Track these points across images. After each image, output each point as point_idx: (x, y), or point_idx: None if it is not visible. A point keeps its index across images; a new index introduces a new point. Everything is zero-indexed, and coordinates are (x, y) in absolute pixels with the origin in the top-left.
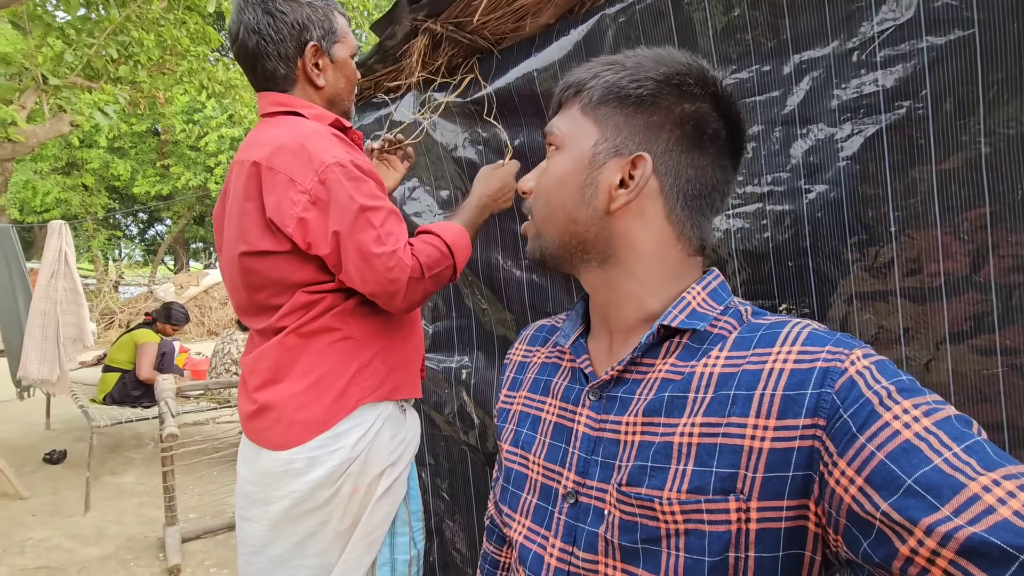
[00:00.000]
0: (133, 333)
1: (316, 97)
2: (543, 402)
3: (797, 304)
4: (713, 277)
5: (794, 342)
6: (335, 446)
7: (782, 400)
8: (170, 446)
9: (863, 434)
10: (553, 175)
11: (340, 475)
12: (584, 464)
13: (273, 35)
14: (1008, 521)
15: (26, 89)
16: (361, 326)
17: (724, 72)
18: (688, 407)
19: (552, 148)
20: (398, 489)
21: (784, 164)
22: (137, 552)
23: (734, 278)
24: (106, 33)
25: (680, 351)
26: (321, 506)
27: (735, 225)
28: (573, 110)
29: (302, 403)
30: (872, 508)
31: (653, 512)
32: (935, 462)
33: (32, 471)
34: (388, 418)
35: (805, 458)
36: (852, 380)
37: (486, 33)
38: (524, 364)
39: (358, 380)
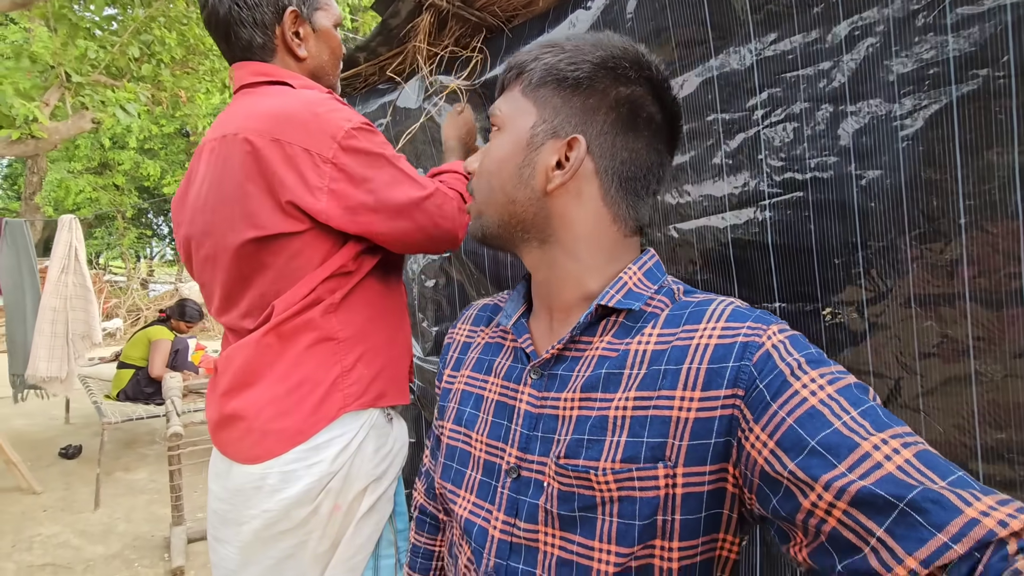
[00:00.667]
0: (147, 330)
1: (298, 70)
2: (486, 381)
3: (844, 307)
4: (649, 257)
5: (719, 319)
6: (313, 459)
7: (706, 373)
8: (176, 445)
9: (775, 402)
10: (493, 156)
11: (319, 492)
12: (526, 440)
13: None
14: (892, 475)
15: (50, 86)
16: (346, 325)
17: (762, 43)
18: (623, 383)
19: (495, 129)
20: (383, 507)
21: (831, 147)
22: (143, 552)
23: (770, 276)
24: (129, 32)
25: (616, 329)
26: (298, 526)
27: (772, 216)
28: (515, 92)
29: (278, 411)
30: (781, 468)
31: (589, 482)
32: (835, 425)
33: (47, 465)
34: (373, 428)
35: (725, 426)
36: (768, 353)
37: (496, 9)
38: (468, 344)
39: (340, 386)
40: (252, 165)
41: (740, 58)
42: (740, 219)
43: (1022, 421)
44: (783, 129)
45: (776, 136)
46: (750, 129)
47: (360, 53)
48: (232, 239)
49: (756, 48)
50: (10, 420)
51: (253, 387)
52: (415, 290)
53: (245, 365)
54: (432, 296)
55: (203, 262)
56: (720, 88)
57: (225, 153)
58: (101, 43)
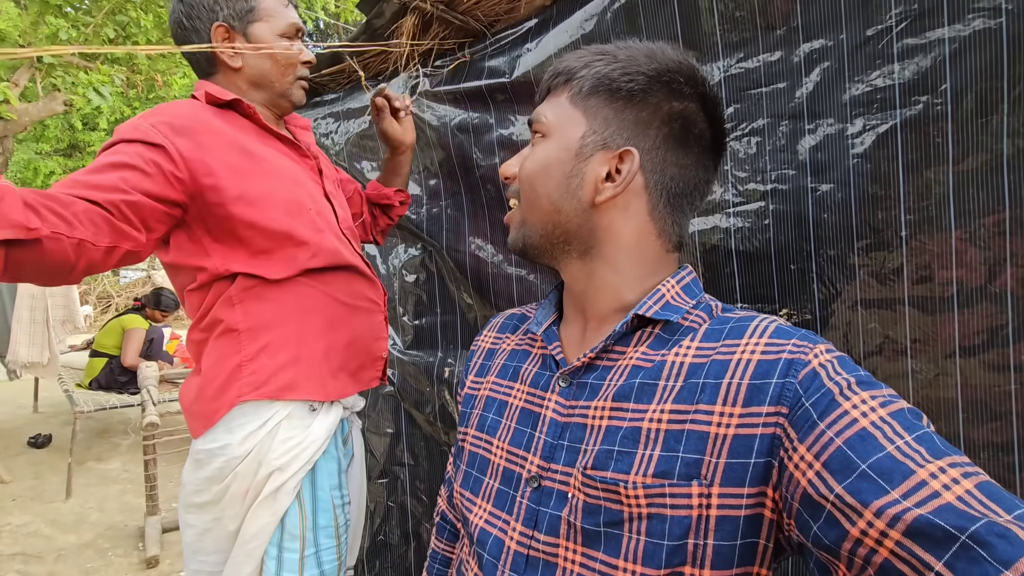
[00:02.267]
0: (121, 318)
1: (238, 80)
2: (511, 387)
3: (798, 309)
4: (687, 273)
5: (762, 334)
6: (223, 440)
7: (748, 388)
8: (151, 435)
9: (823, 421)
10: (539, 163)
11: (228, 472)
12: (550, 449)
13: (186, 23)
14: (951, 504)
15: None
16: (247, 316)
17: (729, 61)
18: (658, 394)
19: (538, 135)
20: (282, 498)
21: (790, 161)
22: (116, 541)
23: (733, 279)
24: (103, 12)
25: (651, 340)
26: (213, 502)
27: (736, 224)
28: (562, 98)
29: (193, 398)
30: (826, 491)
31: (618, 496)
32: (888, 449)
33: (16, 455)
34: (287, 417)
35: (767, 445)
36: (815, 371)
37: (478, 14)
38: (493, 351)
39: (239, 375)
40: None
41: (709, 74)
42: (707, 224)
43: (950, 414)
44: (747, 142)
45: (741, 148)
46: None
47: (344, 50)
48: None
49: (724, 65)
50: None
51: (192, 376)
52: (396, 284)
53: (191, 357)
54: (412, 290)
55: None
56: None
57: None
58: (73, 22)
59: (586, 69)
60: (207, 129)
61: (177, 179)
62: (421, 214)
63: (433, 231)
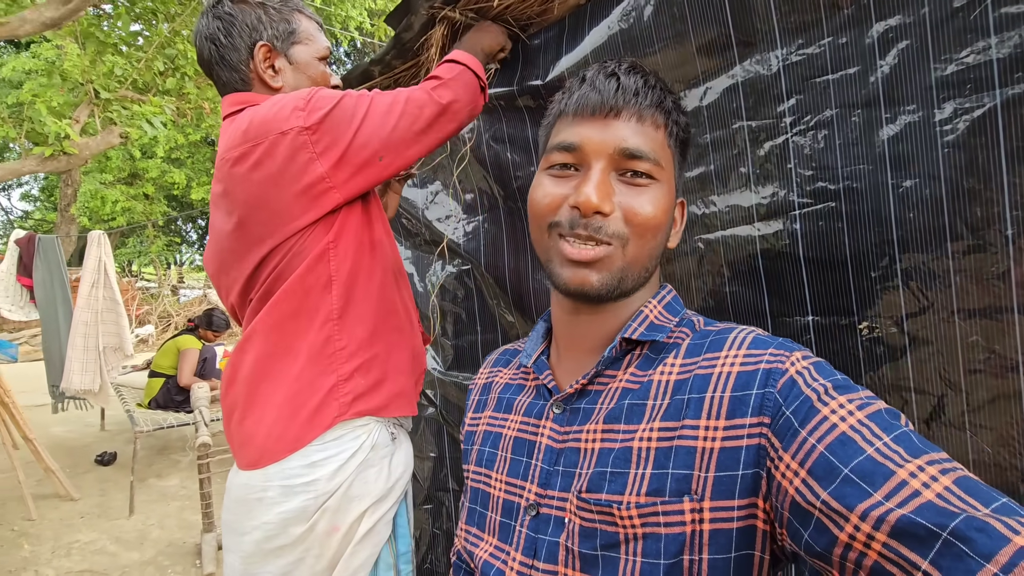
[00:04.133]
0: (176, 339)
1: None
2: (505, 419)
3: (882, 322)
4: (667, 292)
5: (740, 346)
6: (311, 475)
7: (730, 401)
8: (205, 454)
9: (804, 428)
10: (661, 212)
11: (315, 510)
12: (546, 476)
13: (223, 40)
14: (931, 502)
15: (80, 103)
16: (344, 335)
17: (789, 49)
18: (647, 413)
19: (650, 179)
20: (382, 529)
21: (864, 155)
22: (175, 558)
23: (801, 290)
24: (154, 47)
25: (640, 361)
26: (295, 543)
27: (802, 228)
28: (661, 138)
29: (276, 418)
30: (813, 498)
31: (612, 517)
32: (868, 452)
33: (84, 472)
34: (374, 448)
35: (753, 456)
36: (792, 379)
37: (509, 19)
38: (488, 385)
39: (336, 394)
40: (249, 176)
41: (766, 63)
42: (769, 229)
43: None
44: (813, 136)
45: (806, 144)
46: (778, 137)
47: (375, 67)
48: (250, 258)
49: (783, 54)
50: (49, 427)
51: (257, 394)
52: (434, 302)
53: (250, 373)
54: (451, 309)
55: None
56: (745, 95)
57: (222, 179)
58: (127, 59)
59: (676, 113)
60: None
61: None
62: (458, 229)
63: (471, 247)
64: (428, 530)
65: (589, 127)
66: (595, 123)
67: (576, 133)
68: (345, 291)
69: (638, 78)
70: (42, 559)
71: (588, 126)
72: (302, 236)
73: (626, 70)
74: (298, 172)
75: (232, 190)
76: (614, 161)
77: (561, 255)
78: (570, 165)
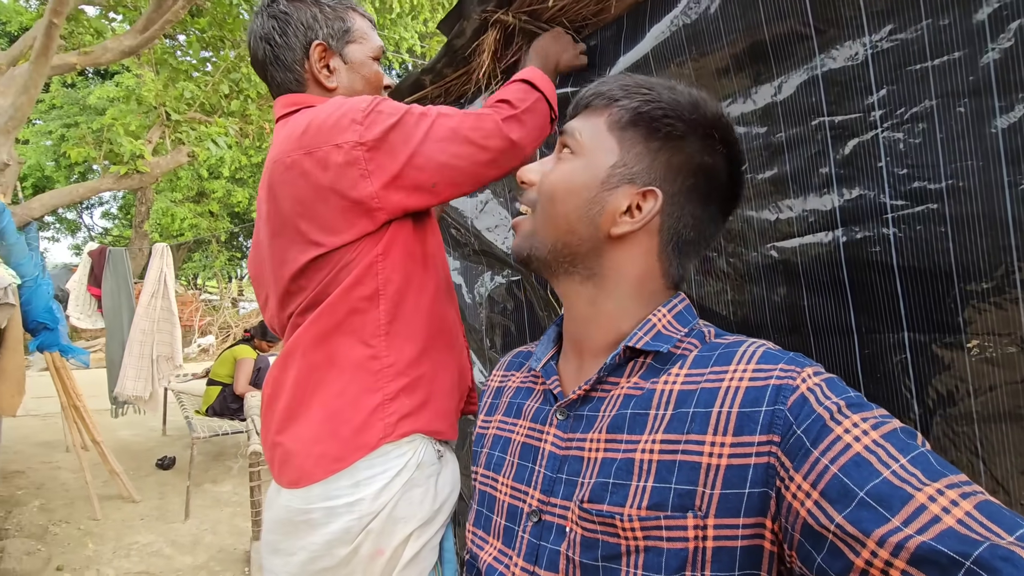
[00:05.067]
0: (233, 349)
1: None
2: (515, 424)
3: (996, 340)
4: (679, 300)
5: (749, 360)
6: (355, 496)
7: (738, 417)
8: (256, 462)
9: (816, 448)
10: (564, 180)
11: (359, 532)
12: (549, 482)
13: (278, 39)
14: (953, 529)
15: (153, 125)
16: (392, 352)
17: (878, 35)
18: (649, 424)
19: (567, 151)
20: (428, 555)
21: (973, 149)
22: (226, 564)
23: (894, 302)
24: (220, 71)
25: (644, 371)
26: (339, 565)
27: (896, 233)
28: (599, 121)
29: (318, 435)
30: (827, 521)
31: (614, 528)
32: (884, 474)
33: (146, 475)
34: (420, 467)
35: (761, 475)
36: (803, 396)
37: (564, 21)
38: (500, 389)
39: (381, 414)
40: (296, 184)
41: (851, 53)
42: (856, 235)
43: None
44: (908, 130)
45: (901, 139)
46: (866, 133)
47: (426, 76)
48: (291, 268)
49: (871, 41)
50: (115, 431)
51: (299, 413)
52: (482, 314)
53: (292, 388)
54: (500, 321)
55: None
56: (827, 88)
57: (270, 183)
58: (197, 83)
59: (629, 99)
60: None
61: None
62: (509, 239)
63: None
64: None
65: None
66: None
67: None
68: (393, 306)
69: (595, 86)
70: (104, 558)
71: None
72: (349, 248)
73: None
74: (348, 187)
75: (279, 195)
76: (558, 146)
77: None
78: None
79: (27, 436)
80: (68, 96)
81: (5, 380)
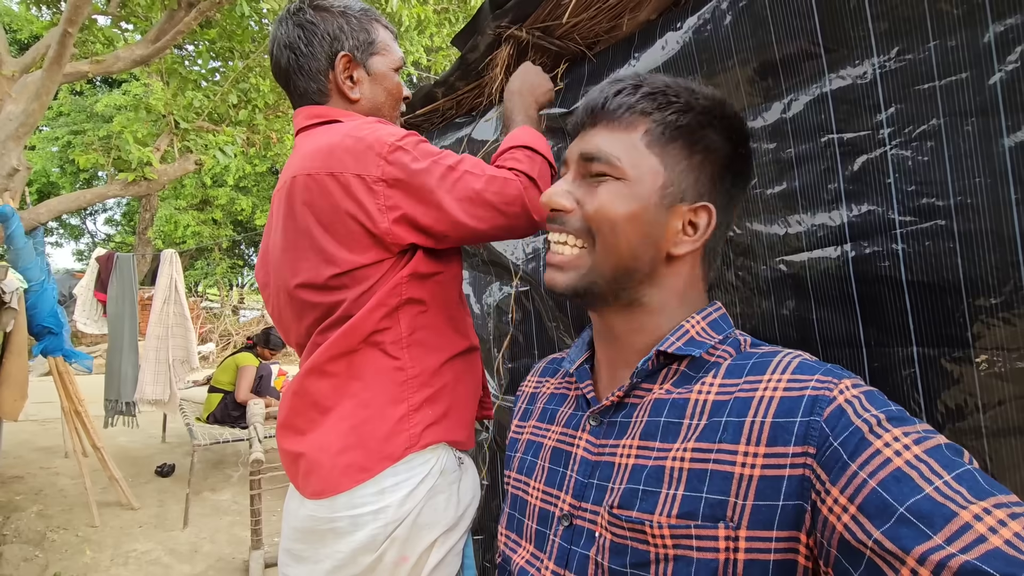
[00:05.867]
0: (236, 356)
1: (352, 110)
2: (548, 429)
3: (1006, 356)
4: (714, 309)
5: (784, 370)
6: (379, 503)
7: (772, 427)
8: (257, 471)
9: (855, 461)
10: (624, 208)
11: (383, 539)
12: (581, 487)
13: (303, 48)
14: (999, 550)
15: (161, 133)
16: (416, 363)
17: (886, 56)
18: (683, 433)
19: (607, 177)
20: (452, 561)
21: (981, 167)
22: (224, 573)
23: (903, 317)
24: (230, 81)
25: (676, 377)
26: (364, 572)
27: (905, 248)
28: (633, 139)
29: (343, 446)
30: (864, 536)
31: (643, 535)
32: (926, 490)
33: (145, 482)
34: (442, 474)
35: (796, 487)
36: (841, 408)
37: (576, 37)
38: (535, 395)
39: (406, 425)
40: (317, 201)
41: (860, 72)
42: (865, 250)
43: None
44: (917, 148)
45: (909, 156)
46: (874, 150)
47: (438, 89)
48: (299, 279)
49: (879, 60)
50: (115, 438)
51: (322, 422)
52: (490, 325)
53: (317, 400)
54: (508, 331)
55: (276, 303)
56: (836, 106)
57: (288, 196)
58: (205, 93)
59: (661, 112)
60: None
61: None
62: (518, 250)
63: (530, 268)
64: (480, 561)
65: (575, 143)
66: (578, 139)
67: (568, 151)
68: (415, 319)
69: (611, 89)
70: (102, 566)
71: (575, 142)
72: (372, 268)
73: (605, 85)
74: (364, 217)
75: (297, 207)
76: (580, 167)
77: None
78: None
79: (26, 441)
80: (75, 103)
81: (9, 384)
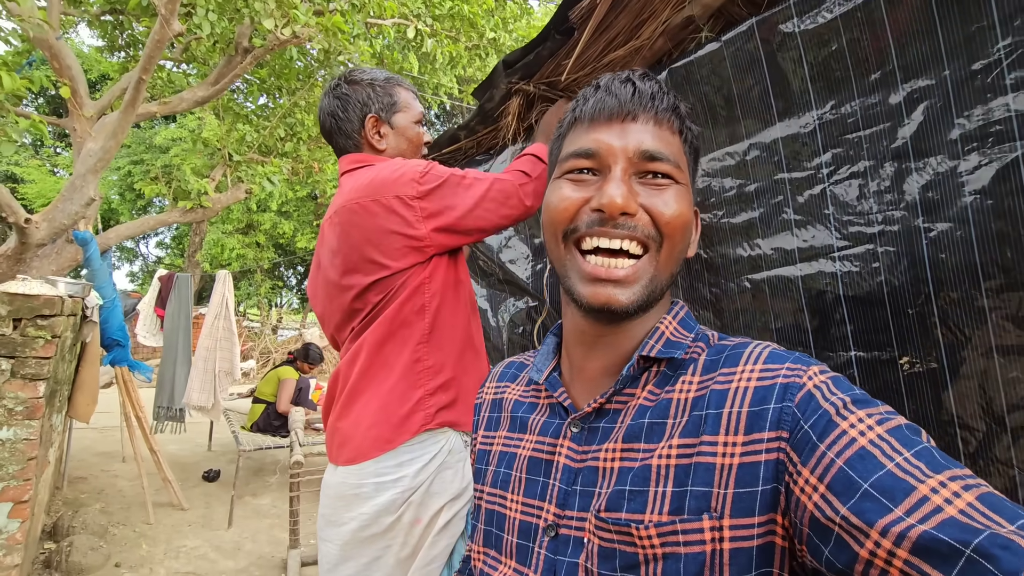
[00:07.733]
0: (278, 370)
1: (382, 157)
2: (520, 439)
3: (922, 357)
4: (680, 308)
5: (756, 360)
6: (399, 473)
7: (748, 416)
8: (297, 472)
9: (823, 442)
10: (688, 216)
11: (402, 503)
12: (564, 496)
13: (341, 114)
14: (954, 518)
15: (216, 165)
16: (433, 355)
17: (823, 109)
18: (667, 431)
19: (670, 180)
20: (457, 523)
21: (897, 201)
22: (265, 570)
23: (843, 326)
24: (278, 117)
25: (657, 379)
26: (384, 532)
27: (842, 268)
28: (678, 142)
29: (372, 422)
30: (832, 513)
31: (631, 538)
32: (888, 467)
33: (193, 486)
34: (451, 452)
35: (772, 471)
36: (810, 393)
37: (575, 88)
38: (497, 401)
39: (422, 406)
40: (365, 222)
41: (803, 122)
42: (812, 270)
43: None
44: (848, 185)
45: (841, 192)
46: (815, 186)
47: (461, 131)
48: (346, 282)
49: (818, 113)
50: (165, 445)
51: (356, 403)
52: (504, 336)
53: (353, 384)
54: (520, 342)
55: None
56: (785, 149)
57: (341, 222)
58: (255, 127)
59: (688, 118)
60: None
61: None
62: (527, 269)
63: (538, 287)
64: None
65: (607, 132)
66: (612, 128)
67: (594, 139)
68: (434, 319)
69: (653, 84)
70: (156, 558)
71: (606, 131)
72: (402, 274)
73: (640, 76)
74: (406, 228)
75: (350, 230)
76: (634, 164)
77: (579, 271)
78: (588, 170)
79: (88, 447)
80: (135, 135)
81: (83, 390)
